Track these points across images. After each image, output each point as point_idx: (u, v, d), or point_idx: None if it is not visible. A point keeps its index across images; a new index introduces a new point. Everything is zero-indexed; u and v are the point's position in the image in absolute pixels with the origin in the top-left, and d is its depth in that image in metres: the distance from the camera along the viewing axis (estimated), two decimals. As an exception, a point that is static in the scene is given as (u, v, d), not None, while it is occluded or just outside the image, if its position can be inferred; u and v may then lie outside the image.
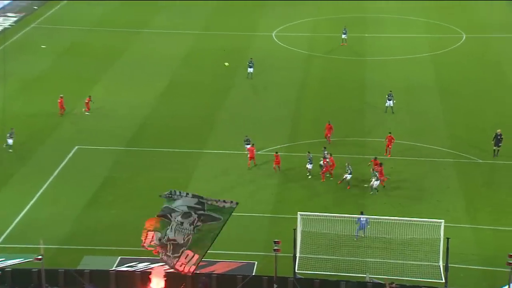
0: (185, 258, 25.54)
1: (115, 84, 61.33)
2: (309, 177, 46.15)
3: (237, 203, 25.80)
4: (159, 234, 26.04)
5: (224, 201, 25.72)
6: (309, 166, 46.44)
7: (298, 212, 37.88)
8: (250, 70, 62.49)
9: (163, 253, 25.90)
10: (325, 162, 45.91)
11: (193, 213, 25.43)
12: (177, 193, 25.80)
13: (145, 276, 31.08)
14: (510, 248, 36.22)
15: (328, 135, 51.08)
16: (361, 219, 39.21)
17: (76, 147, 50.38)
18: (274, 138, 51.71)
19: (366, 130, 53.38)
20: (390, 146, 48.99)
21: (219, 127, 54.03)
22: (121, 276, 33.70)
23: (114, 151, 49.94)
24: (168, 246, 25.86)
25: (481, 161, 49.25)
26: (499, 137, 49.35)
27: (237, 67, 64.55)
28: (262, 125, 53.94)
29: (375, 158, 45.66)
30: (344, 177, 44.78)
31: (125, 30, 73.38)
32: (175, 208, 25.71)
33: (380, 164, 44.82)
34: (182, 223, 25.44)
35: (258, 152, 49.05)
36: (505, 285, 33.83)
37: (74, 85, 59.94)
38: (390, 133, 49.50)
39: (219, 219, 25.35)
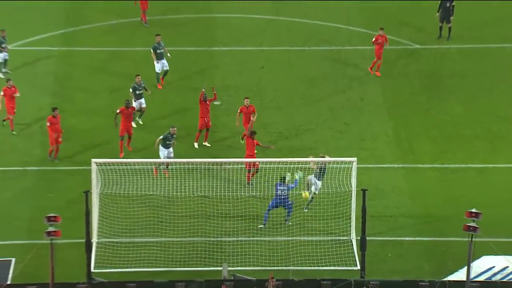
0: None
1: None
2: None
3: None
4: None
5: None
6: None
7: (93, 160, 37.27)
8: None
9: None
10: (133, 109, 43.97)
11: None
12: None
13: None
14: (467, 201, 37.38)
15: (144, 8, 53.14)
16: (279, 187, 37.81)
17: None
18: (42, 23, 53.28)
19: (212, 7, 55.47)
20: (380, 55, 48.22)
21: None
22: None
23: None
24: None
25: (419, 46, 51.45)
26: (448, 5, 50.95)
27: None
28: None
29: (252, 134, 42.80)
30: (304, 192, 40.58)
31: None
32: None
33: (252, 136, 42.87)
34: None
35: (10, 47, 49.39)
36: (461, 268, 34.61)
37: None
38: (381, 29, 48.78)
39: None
